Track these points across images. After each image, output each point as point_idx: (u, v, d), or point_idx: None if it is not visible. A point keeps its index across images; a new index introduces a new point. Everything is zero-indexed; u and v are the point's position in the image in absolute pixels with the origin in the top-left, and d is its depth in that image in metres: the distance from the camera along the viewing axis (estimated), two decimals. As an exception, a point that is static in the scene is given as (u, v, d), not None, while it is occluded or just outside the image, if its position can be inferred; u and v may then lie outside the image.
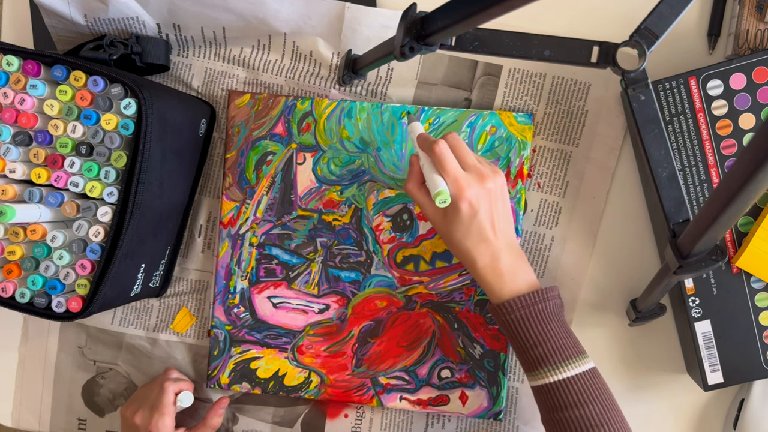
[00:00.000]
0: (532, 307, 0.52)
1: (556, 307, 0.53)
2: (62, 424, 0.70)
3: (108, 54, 0.58)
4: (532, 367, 0.52)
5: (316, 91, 0.65)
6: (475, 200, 0.52)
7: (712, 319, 0.58)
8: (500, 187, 0.53)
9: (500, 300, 0.53)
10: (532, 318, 0.52)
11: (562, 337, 0.51)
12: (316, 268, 0.64)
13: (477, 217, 0.52)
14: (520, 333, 0.52)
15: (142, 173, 0.53)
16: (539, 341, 0.51)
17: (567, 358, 0.51)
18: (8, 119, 0.54)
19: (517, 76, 0.63)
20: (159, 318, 0.67)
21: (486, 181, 0.52)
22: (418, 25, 0.44)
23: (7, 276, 0.55)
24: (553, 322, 0.52)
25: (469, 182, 0.52)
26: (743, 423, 0.61)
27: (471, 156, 0.54)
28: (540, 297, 0.52)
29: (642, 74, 0.50)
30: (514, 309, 0.52)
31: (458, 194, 0.52)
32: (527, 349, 0.52)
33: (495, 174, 0.53)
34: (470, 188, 0.52)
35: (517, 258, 0.54)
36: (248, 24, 0.63)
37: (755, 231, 0.57)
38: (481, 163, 0.54)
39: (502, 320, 0.53)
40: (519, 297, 0.52)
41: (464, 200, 0.52)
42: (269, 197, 0.65)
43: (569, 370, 0.50)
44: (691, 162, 0.58)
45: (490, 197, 0.52)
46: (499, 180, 0.53)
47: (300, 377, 0.65)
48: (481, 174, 0.52)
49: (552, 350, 0.51)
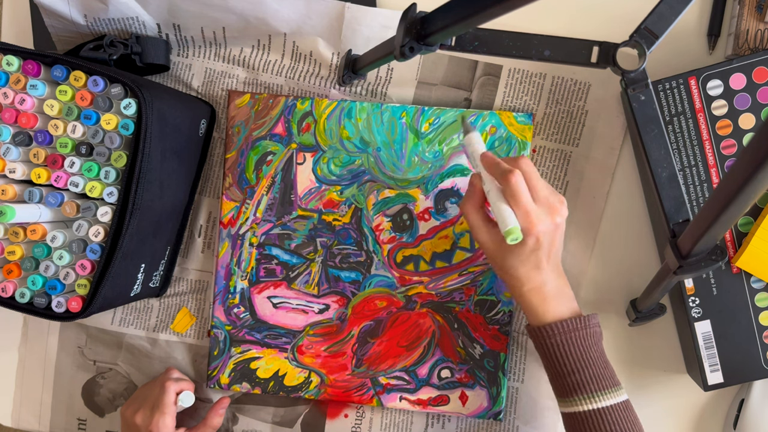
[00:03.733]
0: (573, 333, 0.52)
1: (596, 335, 0.53)
2: (62, 424, 0.70)
3: (108, 54, 0.58)
4: (566, 393, 0.52)
5: (316, 91, 0.65)
6: (543, 236, 0.50)
7: (712, 319, 0.58)
8: (564, 219, 0.52)
9: (542, 323, 0.53)
10: (571, 344, 0.51)
11: (599, 366, 0.51)
12: (316, 268, 0.64)
13: (539, 250, 0.51)
14: (559, 358, 0.52)
15: (142, 173, 0.53)
16: (577, 368, 0.51)
17: (603, 389, 0.50)
18: (8, 119, 0.54)
19: (517, 76, 0.63)
20: (159, 318, 0.67)
21: (555, 216, 0.51)
22: (418, 25, 0.44)
23: (7, 276, 0.55)
24: (592, 350, 0.52)
25: (541, 218, 0.50)
26: (743, 423, 0.61)
27: (542, 187, 0.51)
28: (582, 324, 0.52)
29: (642, 74, 0.50)
30: (555, 333, 0.52)
31: (528, 229, 0.50)
32: (564, 375, 0.52)
33: (562, 205, 0.51)
34: (541, 224, 0.50)
35: (562, 283, 0.54)
36: (248, 24, 0.63)
37: (755, 231, 0.57)
38: (552, 194, 0.52)
39: (541, 343, 0.53)
40: (561, 322, 0.52)
41: (532, 236, 0.50)
42: (269, 197, 0.65)
43: (604, 401, 0.50)
44: (691, 162, 0.58)
45: (556, 232, 0.51)
46: (564, 212, 0.52)
47: (300, 377, 0.65)
48: (552, 208, 0.51)
49: (589, 379, 0.51)
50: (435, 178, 0.63)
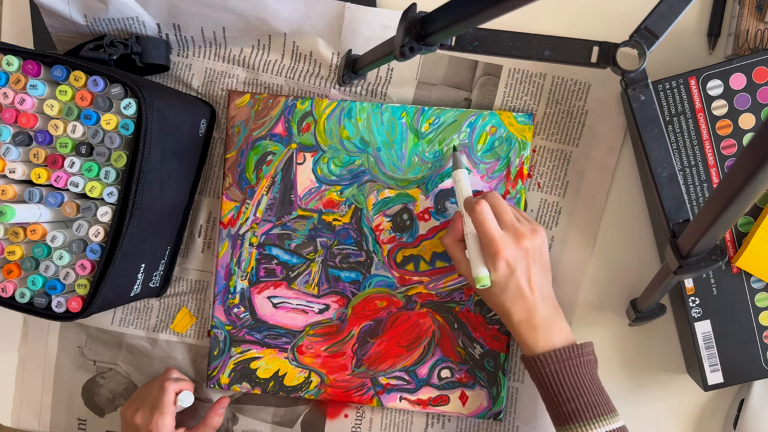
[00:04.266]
0: (566, 362, 0.52)
1: (590, 363, 0.53)
2: (62, 424, 0.70)
3: (108, 54, 0.58)
4: (562, 422, 0.52)
5: (316, 91, 0.65)
6: (512, 260, 0.53)
7: (712, 319, 0.58)
8: (538, 245, 0.54)
9: (534, 353, 0.53)
10: (565, 372, 0.52)
11: (594, 394, 0.52)
12: (316, 268, 0.64)
13: (514, 276, 0.53)
14: (553, 387, 0.52)
15: (142, 173, 0.53)
16: (571, 396, 0.52)
17: (598, 416, 0.51)
18: (8, 119, 0.54)
19: (517, 76, 0.63)
20: (159, 318, 0.67)
21: (523, 241, 0.53)
22: (418, 25, 0.44)
23: (7, 276, 0.55)
24: (586, 378, 0.52)
25: (506, 243, 0.53)
26: (743, 423, 0.61)
27: (509, 215, 0.55)
28: (575, 352, 0.53)
29: (642, 74, 0.50)
30: (548, 363, 0.52)
31: (496, 255, 0.53)
32: (559, 404, 0.52)
33: (533, 233, 0.54)
34: (507, 249, 0.53)
35: (553, 313, 0.55)
36: (248, 24, 0.63)
37: (755, 231, 0.57)
38: (520, 222, 0.55)
39: (535, 373, 0.54)
40: (554, 351, 0.52)
41: (501, 260, 0.53)
42: (269, 197, 0.65)
43: (600, 428, 0.51)
44: (691, 162, 0.58)
45: (527, 256, 0.53)
46: (537, 239, 0.54)
47: (300, 377, 0.65)
48: (518, 234, 0.53)
49: (584, 406, 0.51)
50: (435, 178, 0.63)
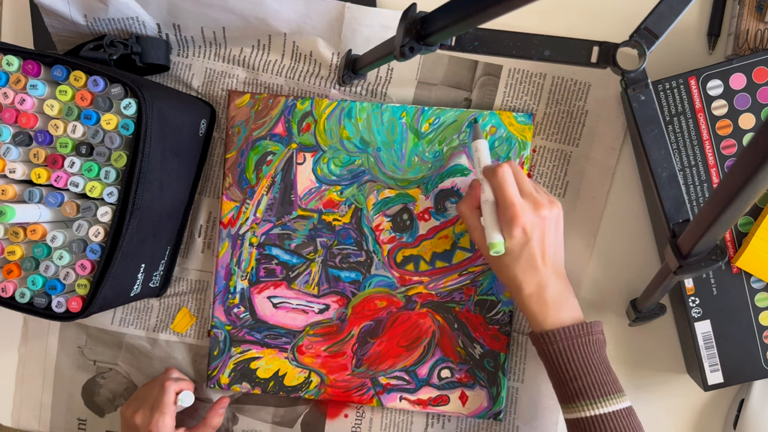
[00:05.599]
0: (575, 339, 0.52)
1: (598, 342, 0.53)
2: (62, 424, 0.70)
3: (108, 54, 0.58)
4: (568, 399, 0.52)
5: (316, 91, 0.65)
6: (529, 227, 0.52)
7: (712, 319, 0.58)
8: (555, 216, 0.54)
9: (542, 329, 0.53)
10: (574, 350, 0.52)
11: (602, 372, 0.51)
12: (316, 268, 0.64)
13: (529, 244, 0.52)
14: (561, 364, 0.52)
15: (142, 173, 0.53)
16: (579, 374, 0.51)
17: (605, 394, 0.51)
18: (8, 119, 0.54)
19: (517, 76, 0.63)
20: (159, 318, 0.67)
21: (541, 210, 0.53)
22: (418, 25, 0.44)
23: (7, 276, 0.55)
24: (594, 357, 0.52)
25: (525, 209, 0.52)
26: (743, 423, 0.61)
27: (528, 184, 0.54)
28: (584, 330, 0.52)
29: (642, 74, 0.50)
30: (556, 340, 0.52)
31: (513, 220, 0.52)
32: (566, 382, 0.52)
33: (551, 204, 0.54)
34: (525, 215, 0.52)
35: (564, 289, 0.54)
36: (248, 24, 0.63)
37: (755, 231, 0.57)
38: (538, 192, 0.54)
39: (543, 350, 0.53)
40: (562, 328, 0.52)
41: (518, 226, 0.52)
42: (269, 197, 0.65)
43: (606, 407, 0.50)
44: (691, 162, 0.58)
45: (544, 225, 0.53)
46: (555, 209, 0.54)
47: (300, 377, 0.65)
48: (537, 202, 0.53)
49: (591, 385, 0.51)
50: (435, 178, 0.63)
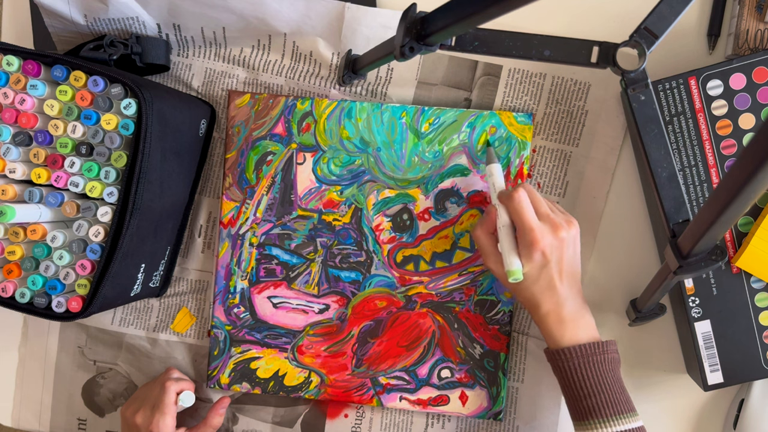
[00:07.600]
0: (590, 357, 0.52)
1: (613, 361, 0.53)
2: (62, 424, 0.70)
3: (108, 54, 0.58)
4: (582, 416, 0.53)
5: (316, 91, 0.65)
6: (549, 250, 0.53)
7: (712, 319, 0.58)
8: (573, 237, 0.54)
9: (558, 346, 0.54)
10: (588, 368, 0.52)
11: (616, 391, 0.52)
12: (316, 268, 0.64)
13: (548, 267, 0.53)
14: (576, 381, 0.53)
15: (142, 173, 0.53)
16: (593, 392, 0.52)
17: (618, 413, 0.51)
18: (8, 119, 0.54)
19: (517, 76, 0.63)
20: (159, 318, 0.67)
21: (560, 231, 0.53)
22: (418, 25, 0.44)
23: (7, 276, 0.55)
24: (609, 376, 0.52)
25: (544, 233, 0.53)
26: (743, 423, 0.61)
27: (544, 205, 0.55)
28: (599, 349, 0.53)
29: (642, 74, 0.50)
30: (572, 357, 0.53)
31: (533, 244, 0.53)
32: (580, 399, 0.52)
33: (569, 224, 0.54)
34: (545, 239, 0.53)
35: (581, 307, 0.55)
36: (248, 24, 0.63)
37: (755, 231, 0.57)
38: (555, 213, 0.55)
39: (558, 366, 0.54)
40: (578, 346, 0.53)
41: (538, 251, 0.53)
42: (269, 197, 0.65)
43: (619, 425, 0.51)
44: (691, 162, 0.58)
45: (562, 247, 0.53)
46: (573, 230, 0.54)
47: (300, 377, 0.65)
48: (555, 224, 0.53)
49: (605, 403, 0.51)
50: (435, 178, 0.63)
